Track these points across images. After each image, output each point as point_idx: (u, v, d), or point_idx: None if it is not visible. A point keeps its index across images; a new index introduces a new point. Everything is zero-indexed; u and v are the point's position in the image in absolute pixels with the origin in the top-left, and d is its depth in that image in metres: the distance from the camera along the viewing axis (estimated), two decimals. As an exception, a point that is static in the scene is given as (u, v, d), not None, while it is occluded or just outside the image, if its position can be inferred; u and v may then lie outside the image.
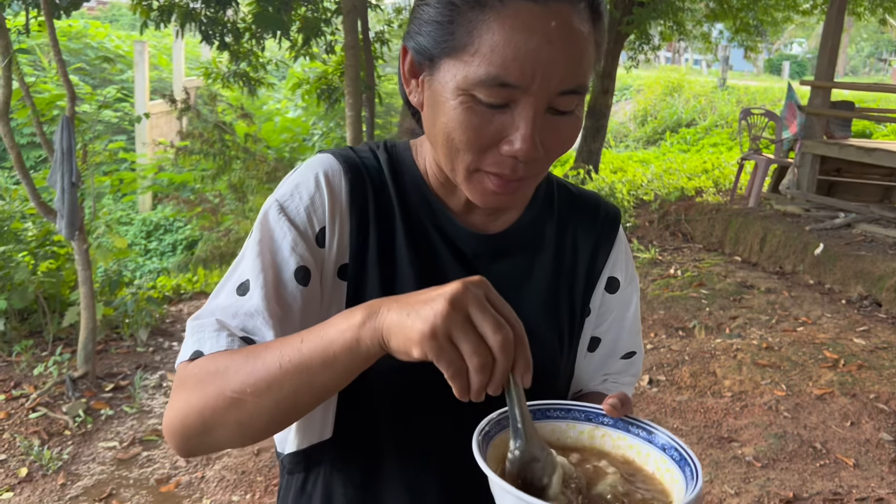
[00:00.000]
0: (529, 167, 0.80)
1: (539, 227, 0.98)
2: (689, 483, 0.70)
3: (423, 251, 0.92)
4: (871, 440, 3.64)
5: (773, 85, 19.92)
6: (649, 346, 4.90)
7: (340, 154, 0.92)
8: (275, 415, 0.75)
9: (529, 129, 0.76)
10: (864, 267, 5.81)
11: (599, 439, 0.80)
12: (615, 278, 1.02)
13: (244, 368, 0.75)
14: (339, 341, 0.70)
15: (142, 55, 12.61)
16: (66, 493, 3.35)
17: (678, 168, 10.00)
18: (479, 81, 0.75)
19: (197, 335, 0.82)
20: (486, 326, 0.66)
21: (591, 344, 1.04)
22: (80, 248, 3.99)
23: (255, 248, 0.86)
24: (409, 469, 0.92)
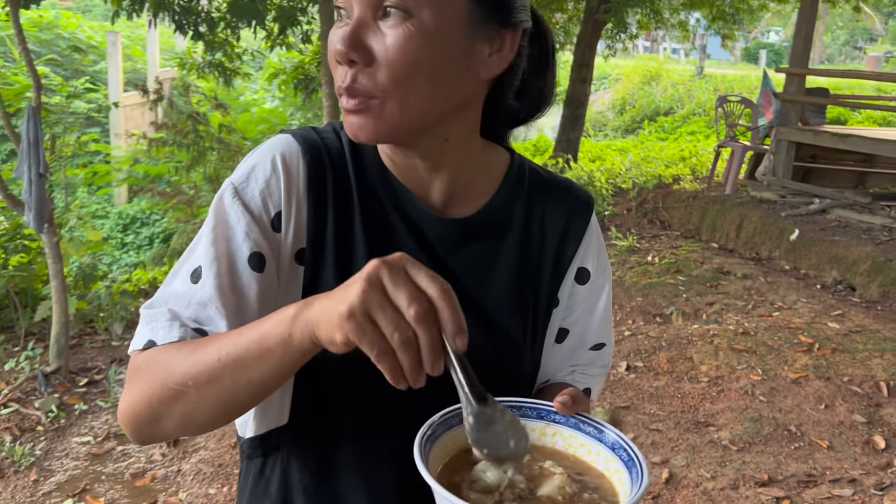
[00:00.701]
0: (363, 79, 0.79)
1: (507, 212, 0.95)
2: (635, 484, 0.69)
3: (382, 235, 0.89)
4: (844, 422, 3.67)
5: (749, 73, 20.06)
6: (627, 332, 4.92)
7: (300, 134, 0.90)
8: (216, 408, 0.76)
9: (346, 27, 0.78)
10: (838, 252, 5.86)
11: (550, 437, 0.79)
12: (585, 269, 0.99)
13: (187, 361, 0.75)
14: (273, 335, 0.71)
15: (115, 46, 12.43)
16: (39, 489, 3.31)
17: (656, 156, 10.05)
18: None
19: (150, 324, 0.82)
20: (401, 299, 0.64)
21: (559, 335, 1.01)
22: (50, 241, 3.93)
23: (210, 235, 0.84)
24: (365, 456, 0.90)
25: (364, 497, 0.91)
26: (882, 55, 29.89)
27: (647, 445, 3.55)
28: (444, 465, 0.74)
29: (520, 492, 0.70)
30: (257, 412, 0.93)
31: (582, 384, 1.03)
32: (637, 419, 3.80)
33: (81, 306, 5.00)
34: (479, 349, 0.90)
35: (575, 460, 0.77)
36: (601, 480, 0.74)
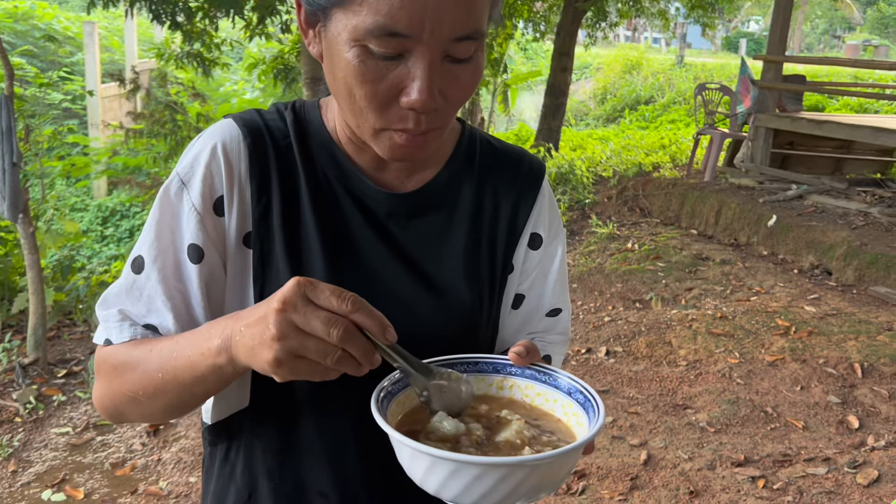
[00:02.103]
0: (433, 118, 0.79)
1: (457, 184, 0.96)
2: (592, 422, 0.72)
3: (330, 213, 0.90)
4: (819, 403, 3.73)
5: (729, 61, 20.17)
6: (607, 318, 4.96)
7: (242, 118, 0.90)
8: (169, 410, 0.84)
9: (426, 80, 0.74)
10: (815, 237, 5.93)
11: (508, 390, 0.81)
12: (538, 234, 1.00)
13: (135, 374, 0.83)
14: (203, 365, 0.76)
15: (91, 36, 12.28)
16: (18, 480, 3.29)
17: (636, 144, 10.09)
18: (368, 32, 0.73)
19: (104, 324, 0.88)
20: (319, 329, 0.67)
21: (515, 301, 1.02)
22: (25, 232, 3.89)
23: (155, 228, 0.87)
24: (327, 433, 0.91)
25: (328, 475, 0.92)
26: (860, 43, 30.16)
27: (626, 428, 3.58)
28: (402, 416, 0.76)
29: (477, 438, 0.73)
30: (217, 399, 0.94)
31: (542, 352, 1.04)
32: (616, 403, 3.83)
33: (59, 298, 4.96)
34: (436, 319, 0.91)
35: (532, 408, 0.79)
36: (558, 424, 0.77)
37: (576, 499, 3.05)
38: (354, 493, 0.93)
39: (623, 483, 3.13)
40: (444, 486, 0.66)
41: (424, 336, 0.90)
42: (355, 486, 0.93)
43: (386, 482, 0.94)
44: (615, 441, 3.47)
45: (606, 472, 3.22)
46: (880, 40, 32.53)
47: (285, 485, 0.93)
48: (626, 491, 3.08)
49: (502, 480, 0.64)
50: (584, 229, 7.14)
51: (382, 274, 0.90)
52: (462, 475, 0.64)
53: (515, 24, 11.40)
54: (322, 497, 0.93)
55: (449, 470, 0.64)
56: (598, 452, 3.37)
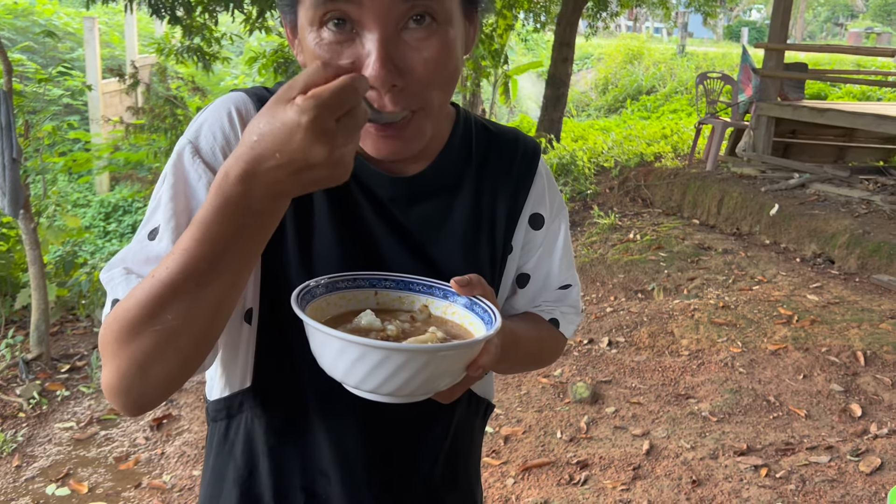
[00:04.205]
0: (403, 98, 0.77)
1: (456, 167, 0.96)
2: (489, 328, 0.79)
3: (339, 197, 0.89)
4: (822, 391, 3.73)
5: (731, 50, 20.07)
6: (609, 309, 4.96)
7: (253, 91, 0.89)
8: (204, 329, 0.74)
9: (378, 50, 0.73)
10: (817, 226, 5.92)
11: (450, 315, 0.86)
12: (539, 214, 1.01)
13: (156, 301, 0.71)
14: (225, 215, 0.67)
15: (92, 32, 12.26)
16: (22, 475, 3.30)
17: (638, 135, 10.06)
18: (314, 9, 0.73)
19: (109, 286, 0.81)
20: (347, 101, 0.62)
21: (519, 280, 1.03)
22: (26, 228, 3.90)
23: (169, 192, 0.83)
24: (330, 414, 0.91)
25: (330, 454, 0.92)
26: (863, 31, 30.00)
27: (628, 418, 3.59)
28: (328, 319, 0.80)
29: (386, 336, 0.77)
30: (220, 375, 0.94)
31: (548, 314, 1.05)
32: (619, 393, 3.83)
33: (62, 293, 4.97)
34: None
35: (461, 330, 0.83)
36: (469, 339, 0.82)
37: (578, 489, 3.05)
38: (355, 473, 0.93)
39: (626, 473, 3.14)
40: (349, 371, 0.71)
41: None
42: (356, 466, 0.93)
43: (387, 464, 0.95)
44: (617, 431, 3.48)
45: (609, 462, 3.22)
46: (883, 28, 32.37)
47: (286, 463, 0.93)
48: (629, 481, 3.08)
49: (403, 366, 0.70)
50: (585, 220, 7.13)
51: (389, 258, 0.91)
52: (366, 360, 0.69)
53: (516, 15, 11.36)
54: (322, 476, 0.93)
55: (355, 354, 0.70)
56: (600, 443, 3.38)
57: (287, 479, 0.93)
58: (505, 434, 3.47)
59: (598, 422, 3.57)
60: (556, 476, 3.15)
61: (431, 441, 0.98)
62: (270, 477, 0.93)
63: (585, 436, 3.44)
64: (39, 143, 5.42)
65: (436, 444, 0.99)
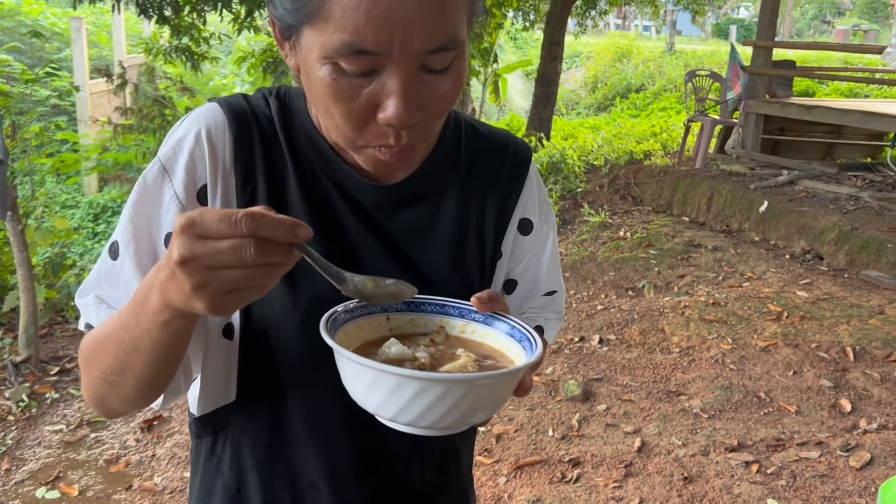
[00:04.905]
0: (414, 132, 0.77)
1: (443, 173, 0.94)
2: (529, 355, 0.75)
3: (318, 205, 0.88)
4: (812, 387, 3.75)
5: (719, 48, 20.14)
6: (599, 306, 4.97)
7: (228, 103, 0.87)
8: (145, 388, 0.80)
9: (400, 96, 0.72)
10: (806, 222, 5.95)
11: (469, 334, 0.83)
12: (528, 219, 0.99)
13: (100, 354, 0.79)
14: (154, 327, 0.71)
15: (79, 32, 12.19)
16: (11, 479, 3.28)
17: (627, 132, 10.08)
18: (336, 50, 0.70)
19: (83, 310, 0.87)
20: (230, 260, 0.62)
21: (506, 286, 1.02)
22: (14, 230, 3.87)
23: (130, 212, 0.85)
24: (317, 425, 0.90)
25: (318, 466, 0.91)
26: (850, 28, 30.16)
27: (619, 415, 3.59)
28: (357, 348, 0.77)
29: (420, 364, 0.74)
30: (202, 392, 0.92)
31: (533, 321, 1.05)
32: (610, 390, 3.84)
33: (51, 295, 4.94)
34: None
35: (490, 350, 0.81)
36: (508, 365, 0.78)
37: (571, 486, 3.06)
38: (345, 485, 0.92)
39: (617, 470, 3.14)
40: (384, 403, 0.67)
41: None
42: (346, 477, 0.92)
43: (377, 474, 0.94)
44: (609, 428, 3.48)
45: (601, 460, 3.23)
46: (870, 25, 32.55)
47: (275, 477, 0.92)
48: (621, 478, 3.09)
49: (443, 397, 0.65)
50: (576, 218, 7.14)
51: (372, 266, 0.89)
52: (403, 391, 0.65)
53: (505, 14, 11.36)
54: (312, 489, 0.92)
55: (391, 385, 0.66)
56: (592, 440, 3.38)
57: (276, 493, 0.92)
58: (497, 432, 3.47)
59: (589, 419, 3.58)
60: (549, 474, 3.15)
61: (423, 448, 0.96)
62: (259, 492, 0.92)
63: (577, 433, 3.44)
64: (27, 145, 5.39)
65: (427, 451, 0.97)
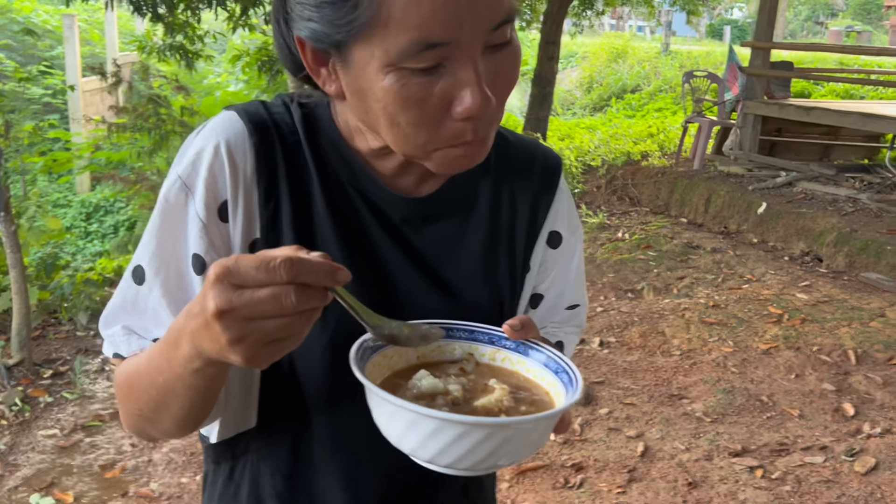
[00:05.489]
0: (488, 122, 0.73)
1: (473, 184, 0.90)
2: (570, 393, 0.71)
3: (345, 218, 0.83)
4: (814, 391, 3.72)
5: (714, 49, 20.16)
6: (599, 308, 4.93)
7: (247, 111, 0.82)
8: (182, 424, 0.78)
9: (476, 82, 0.68)
10: (805, 224, 5.93)
11: (500, 361, 0.80)
12: (557, 232, 0.95)
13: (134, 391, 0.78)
14: (186, 373, 0.68)
15: (71, 29, 12.08)
16: (5, 485, 3.22)
17: (624, 133, 10.06)
18: (403, 52, 0.66)
19: (110, 340, 0.82)
20: (270, 310, 0.58)
21: (532, 300, 0.98)
22: (6, 230, 3.80)
23: (156, 236, 0.80)
24: (341, 456, 0.86)
25: (341, 496, 0.87)
26: (843, 30, 30.26)
27: (622, 420, 3.56)
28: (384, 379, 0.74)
29: (453, 398, 0.71)
30: (223, 418, 0.88)
31: (554, 337, 1.00)
32: (611, 394, 3.81)
33: (44, 297, 4.87)
34: None
35: (520, 381, 0.77)
36: (544, 397, 0.75)
37: (574, 492, 3.02)
38: None
39: (621, 476, 3.11)
40: (422, 445, 0.64)
41: None
42: None
43: (403, 501, 0.89)
44: (612, 433, 3.45)
45: (604, 465, 3.19)
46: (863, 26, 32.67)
47: None
48: (625, 483, 3.05)
49: (484, 441, 0.63)
50: (573, 219, 7.11)
51: (399, 282, 0.85)
52: (443, 435, 0.62)
53: (501, 13, 11.32)
54: None
55: (430, 429, 0.62)
56: (594, 445, 3.35)
57: None
58: (498, 437, 3.43)
59: (591, 423, 3.54)
60: (552, 479, 3.11)
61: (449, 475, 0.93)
62: None
63: (579, 438, 3.41)
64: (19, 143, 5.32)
65: (453, 477, 0.93)
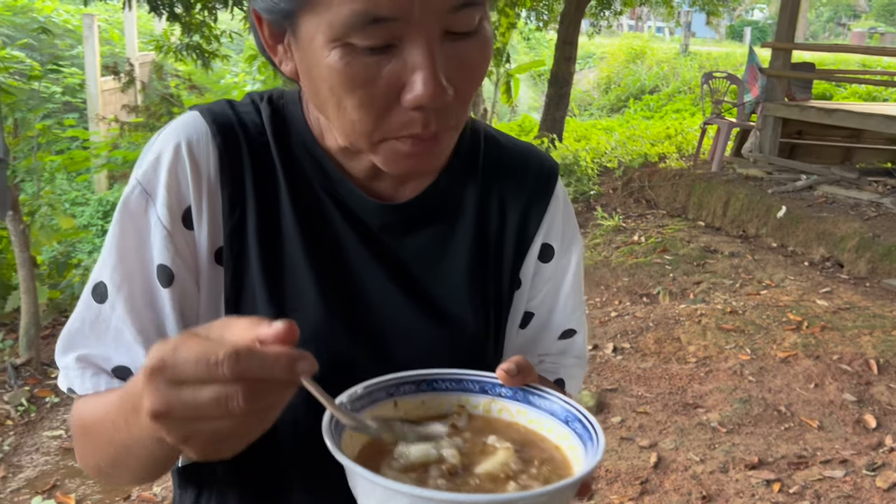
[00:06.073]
0: (443, 115, 0.65)
1: (459, 189, 0.82)
2: (590, 454, 0.61)
3: (317, 227, 0.77)
4: (834, 401, 3.61)
5: (734, 50, 19.96)
6: (613, 313, 4.84)
7: (211, 111, 0.76)
8: (140, 477, 0.73)
9: (429, 67, 0.61)
10: (825, 228, 5.80)
11: (496, 413, 0.69)
12: (549, 245, 0.87)
13: (91, 443, 0.72)
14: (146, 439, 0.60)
15: (91, 29, 12.15)
16: (7, 486, 3.19)
17: (641, 135, 9.94)
18: (347, 25, 0.60)
19: (64, 372, 0.76)
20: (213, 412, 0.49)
21: (523, 320, 0.89)
22: (15, 229, 3.79)
23: (116, 249, 0.73)
24: (311, 479, 0.79)
25: None
26: (866, 31, 29.87)
27: (634, 428, 3.47)
28: (364, 446, 0.63)
29: (450, 468, 0.60)
30: None
31: (552, 374, 0.91)
32: (624, 402, 3.72)
33: (54, 295, 4.86)
34: (438, 349, 0.79)
35: (523, 435, 0.67)
36: (555, 453, 0.65)
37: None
38: None
39: (633, 487, 3.02)
40: None
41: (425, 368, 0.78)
42: None
43: None
44: (624, 442, 3.36)
45: (616, 476, 3.11)
46: (886, 27, 32.23)
47: None
48: (637, 496, 2.97)
49: None
50: (589, 221, 7.02)
51: (376, 298, 0.78)
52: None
53: (518, 13, 11.25)
54: None
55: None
56: (606, 454, 3.26)
57: None
58: (507, 445, 3.36)
59: (603, 432, 3.45)
60: (561, 490, 3.04)
61: None
62: None
63: (591, 447, 3.33)
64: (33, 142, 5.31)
65: None
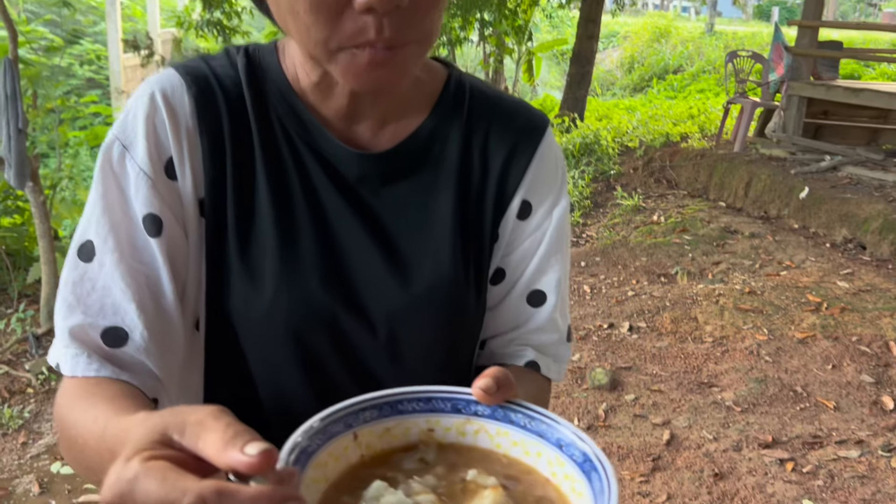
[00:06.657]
0: (401, 27, 0.62)
1: (441, 139, 0.80)
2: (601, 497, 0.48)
3: (289, 178, 0.76)
4: (852, 383, 3.57)
5: (761, 30, 19.63)
6: (630, 293, 4.82)
7: (184, 66, 0.75)
8: None
9: None
10: (849, 210, 5.71)
11: (472, 436, 0.57)
12: (527, 202, 0.82)
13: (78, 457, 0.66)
14: None
15: (113, 5, 12.19)
16: (27, 452, 3.26)
17: (664, 114, 9.82)
18: None
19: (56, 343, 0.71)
20: None
21: (494, 275, 0.85)
22: (35, 200, 3.83)
23: (101, 205, 0.72)
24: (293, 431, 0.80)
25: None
26: (898, 11, 29.21)
27: (648, 406, 3.46)
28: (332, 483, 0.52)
29: None
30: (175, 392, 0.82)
31: (521, 357, 0.84)
32: (639, 380, 3.71)
33: (75, 268, 4.92)
34: (417, 307, 0.77)
35: (508, 463, 0.56)
36: (546, 488, 0.53)
37: (595, 479, 2.94)
38: None
39: (644, 464, 3.02)
40: None
41: (404, 327, 0.77)
42: None
43: None
44: (637, 419, 3.36)
45: (627, 452, 3.10)
46: (919, 8, 31.48)
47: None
48: (648, 472, 2.97)
49: None
50: (608, 201, 6.97)
51: (351, 253, 0.76)
52: None
53: (541, -9, 11.12)
54: None
55: None
56: (618, 431, 3.26)
57: None
58: (520, 420, 3.37)
59: (616, 409, 3.45)
60: (572, 465, 3.04)
61: None
62: None
63: (603, 424, 3.32)
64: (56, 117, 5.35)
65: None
